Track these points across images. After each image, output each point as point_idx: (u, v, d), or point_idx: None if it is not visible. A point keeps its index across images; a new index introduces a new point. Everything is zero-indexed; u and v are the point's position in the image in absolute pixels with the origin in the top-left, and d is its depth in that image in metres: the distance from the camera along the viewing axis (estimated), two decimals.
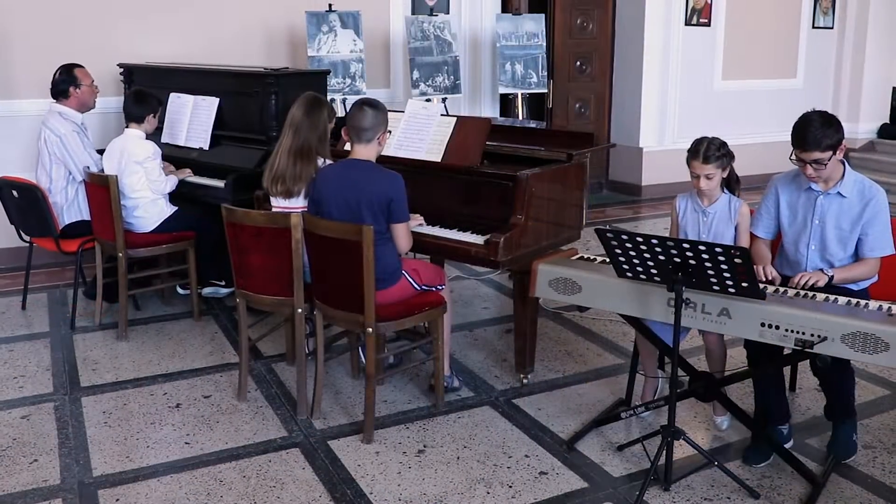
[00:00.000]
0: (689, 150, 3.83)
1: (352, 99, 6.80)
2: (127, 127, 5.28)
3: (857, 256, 3.69)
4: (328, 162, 4.28)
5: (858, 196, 3.64)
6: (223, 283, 5.79)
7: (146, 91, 5.44)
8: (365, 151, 3.99)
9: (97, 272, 5.31)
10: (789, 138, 3.62)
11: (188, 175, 5.58)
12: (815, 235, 3.72)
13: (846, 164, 3.69)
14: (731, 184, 3.95)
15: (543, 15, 8.45)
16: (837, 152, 3.55)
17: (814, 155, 3.53)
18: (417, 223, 4.30)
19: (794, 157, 3.62)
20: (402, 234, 3.99)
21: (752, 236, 3.93)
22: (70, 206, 5.50)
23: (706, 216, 3.92)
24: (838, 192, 3.66)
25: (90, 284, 5.71)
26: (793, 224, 3.80)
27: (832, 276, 3.60)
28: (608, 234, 3.31)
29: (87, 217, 5.41)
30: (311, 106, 4.31)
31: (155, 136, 5.54)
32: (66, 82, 5.53)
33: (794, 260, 3.79)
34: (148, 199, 5.22)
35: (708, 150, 3.76)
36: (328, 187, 3.97)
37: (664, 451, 3.44)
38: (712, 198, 3.90)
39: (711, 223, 3.91)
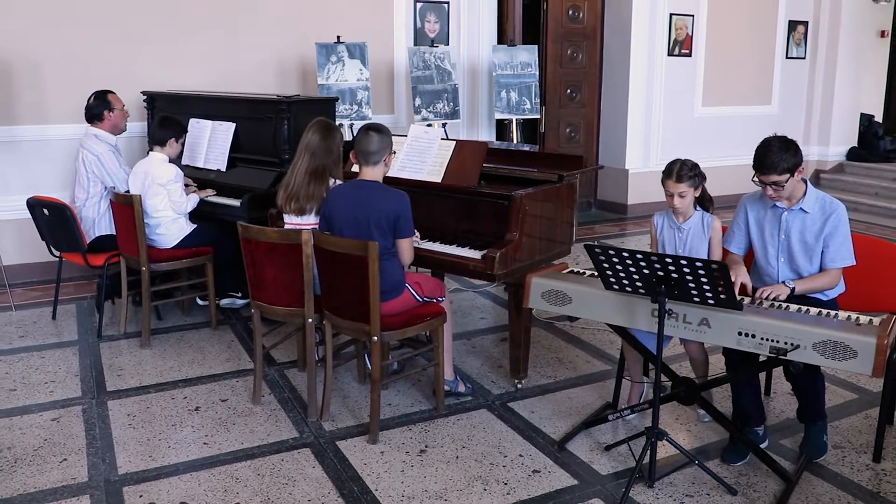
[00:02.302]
0: (663, 171, 3.88)
1: (359, 124, 6.84)
2: (151, 150, 5.30)
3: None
4: (339, 182, 4.30)
5: (820, 211, 3.67)
6: (239, 294, 5.82)
7: (171, 117, 5.46)
8: (373, 173, 4.01)
9: (122, 285, 5.32)
10: None
11: (211, 194, 5.59)
12: (783, 249, 3.74)
13: (807, 182, 3.73)
14: (705, 202, 3.98)
15: (536, 46, 8.48)
16: (796, 174, 3.58)
17: (772, 178, 3.56)
18: (416, 237, 4.28)
19: (755, 179, 3.66)
20: (405, 249, 4.00)
21: (726, 251, 3.95)
22: (101, 220, 5.54)
23: (681, 232, 3.95)
24: (801, 208, 3.69)
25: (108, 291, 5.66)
26: (761, 239, 3.82)
27: (793, 288, 3.63)
28: (596, 250, 3.32)
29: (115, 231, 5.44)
30: (326, 131, 4.34)
31: (176, 158, 5.56)
32: (100, 106, 5.59)
33: (766, 273, 3.80)
34: (169, 219, 5.25)
35: (681, 170, 3.81)
36: (339, 206, 3.98)
37: (648, 451, 3.44)
38: (686, 215, 3.93)
39: (686, 238, 3.94)
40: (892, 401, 4.00)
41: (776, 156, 3.54)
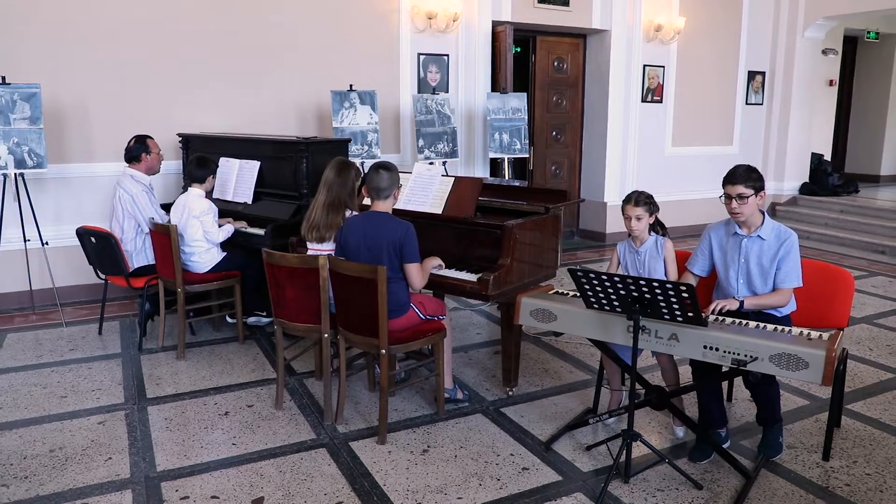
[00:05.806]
0: (623, 200, 3.99)
1: (369, 162, 6.89)
2: (190, 186, 5.35)
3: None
4: (354, 213, 4.34)
5: (776, 239, 3.71)
6: (264, 313, 5.82)
7: (206, 157, 5.49)
8: (384, 206, 4.05)
9: (160, 303, 5.34)
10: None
11: (244, 226, 5.58)
12: (742, 271, 3.78)
13: (765, 213, 3.79)
14: (659, 229, 4.05)
15: (525, 94, 8.54)
16: (759, 196, 3.66)
17: (739, 189, 3.64)
18: (437, 264, 4.26)
19: (723, 196, 3.72)
20: (413, 273, 3.99)
21: (687, 272, 3.99)
22: (138, 254, 5.53)
23: (639, 255, 4.01)
24: (758, 236, 3.74)
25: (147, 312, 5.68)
26: (724, 262, 3.86)
27: (742, 302, 3.67)
28: (578, 273, 3.36)
29: (152, 261, 5.44)
30: (340, 168, 4.39)
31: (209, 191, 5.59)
32: (139, 149, 5.59)
33: (728, 292, 3.84)
34: (203, 249, 5.27)
35: (639, 197, 3.93)
36: (353, 235, 4.02)
37: (624, 451, 3.47)
38: (643, 240, 3.99)
39: (644, 260, 4.00)
40: (840, 406, 4.04)
41: (744, 173, 3.67)
